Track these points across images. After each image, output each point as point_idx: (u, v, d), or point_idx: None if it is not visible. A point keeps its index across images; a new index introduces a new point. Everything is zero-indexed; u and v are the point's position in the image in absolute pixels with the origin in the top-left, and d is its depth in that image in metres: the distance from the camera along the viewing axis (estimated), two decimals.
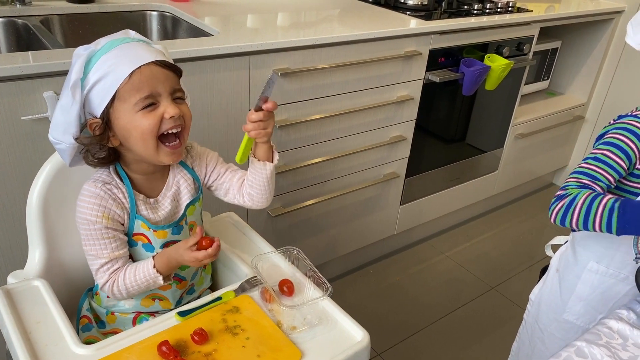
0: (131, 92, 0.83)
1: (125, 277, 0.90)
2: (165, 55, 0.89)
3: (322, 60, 1.58)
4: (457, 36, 1.90)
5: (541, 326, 1.19)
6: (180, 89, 0.89)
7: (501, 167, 2.46)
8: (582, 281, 1.10)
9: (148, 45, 0.88)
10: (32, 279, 0.94)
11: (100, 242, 0.89)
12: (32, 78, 1.14)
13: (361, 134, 1.82)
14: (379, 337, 1.84)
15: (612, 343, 0.86)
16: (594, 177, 0.97)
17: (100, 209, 0.89)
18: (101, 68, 0.82)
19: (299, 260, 0.98)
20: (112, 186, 0.91)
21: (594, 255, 1.08)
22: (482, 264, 2.28)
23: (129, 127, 0.85)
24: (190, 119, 0.91)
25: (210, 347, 0.83)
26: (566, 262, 1.14)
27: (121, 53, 0.83)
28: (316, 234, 1.88)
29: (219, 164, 1.03)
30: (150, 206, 0.94)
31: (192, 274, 0.99)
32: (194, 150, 1.02)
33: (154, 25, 1.75)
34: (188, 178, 0.99)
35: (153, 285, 0.91)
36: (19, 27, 1.52)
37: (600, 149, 1.00)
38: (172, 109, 0.85)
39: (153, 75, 0.84)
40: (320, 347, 0.86)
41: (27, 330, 0.84)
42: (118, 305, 0.97)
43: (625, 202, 0.89)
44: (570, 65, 2.70)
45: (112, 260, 0.90)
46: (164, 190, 0.96)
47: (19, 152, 1.18)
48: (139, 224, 0.92)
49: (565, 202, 0.95)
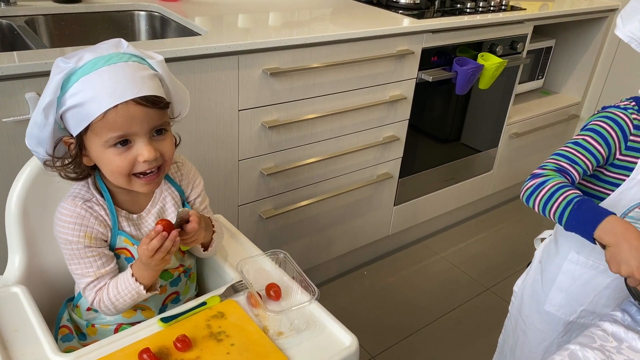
0: (103, 129, 0.77)
1: (109, 291, 0.86)
2: (158, 74, 0.81)
3: (312, 59, 1.56)
4: (450, 35, 1.88)
5: (524, 318, 1.18)
6: (162, 123, 0.81)
7: (496, 167, 2.44)
8: (563, 272, 1.09)
9: (136, 70, 0.77)
10: (11, 285, 0.91)
11: (85, 260, 0.86)
12: (14, 79, 1.12)
13: (353, 134, 1.79)
14: (373, 339, 1.82)
15: (606, 346, 0.84)
16: (572, 161, 0.98)
17: (82, 228, 0.84)
18: (79, 93, 0.75)
19: (287, 264, 0.95)
20: (92, 203, 0.86)
21: (575, 245, 1.07)
22: (477, 264, 2.26)
23: (100, 160, 0.81)
24: (171, 153, 0.84)
25: (193, 354, 0.80)
26: (548, 252, 1.14)
27: (101, 81, 0.75)
28: (309, 235, 1.86)
29: (202, 195, 0.98)
30: (132, 222, 0.90)
31: (171, 280, 0.96)
32: (185, 168, 0.97)
33: (142, 26, 1.73)
34: (175, 195, 0.94)
35: (138, 297, 0.86)
36: (3, 27, 1.49)
37: (581, 135, 1.00)
38: (147, 152, 0.79)
39: (130, 115, 0.76)
40: (308, 352, 0.83)
41: (4, 339, 0.81)
42: (99, 317, 0.94)
43: (583, 200, 0.90)
44: (564, 64, 2.68)
45: (99, 278, 0.87)
46: (149, 207, 0.91)
47: (1, 154, 1.15)
48: (122, 239, 0.89)
49: (536, 182, 0.96)
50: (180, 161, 0.97)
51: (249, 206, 1.64)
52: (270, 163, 1.62)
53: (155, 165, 0.82)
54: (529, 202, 0.97)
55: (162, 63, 0.82)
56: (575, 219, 0.89)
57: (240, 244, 1.07)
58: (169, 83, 0.84)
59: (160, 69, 0.82)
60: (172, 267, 0.94)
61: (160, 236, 0.81)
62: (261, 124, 1.54)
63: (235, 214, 1.63)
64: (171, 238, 0.81)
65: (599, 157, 0.98)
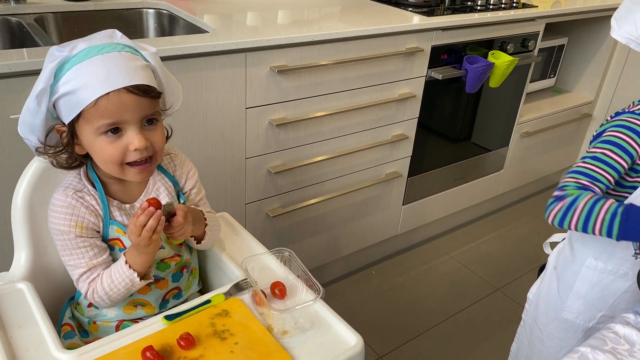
0: (95, 116, 0.78)
1: (103, 281, 0.86)
2: (151, 65, 0.82)
3: (320, 57, 1.55)
4: (460, 32, 1.86)
5: (540, 326, 1.15)
6: (153, 113, 0.82)
7: (506, 167, 2.41)
8: (581, 278, 1.06)
9: (128, 60, 0.78)
10: (17, 281, 0.91)
11: (77, 251, 0.86)
12: (21, 76, 1.12)
13: (362, 132, 1.78)
14: (381, 339, 1.81)
15: (618, 349, 0.82)
16: (593, 178, 0.94)
17: (73, 218, 0.85)
18: (71, 81, 0.76)
19: (292, 262, 0.94)
20: (83, 193, 0.87)
21: (592, 251, 1.04)
22: (487, 265, 2.23)
23: (91, 148, 0.82)
24: (162, 143, 0.85)
25: (197, 353, 0.80)
26: (564, 259, 1.11)
27: (94, 69, 0.76)
28: (316, 234, 1.85)
29: (197, 187, 0.99)
30: (125, 212, 0.90)
31: (171, 273, 0.95)
32: (178, 159, 0.97)
33: (150, 23, 1.73)
34: (169, 186, 0.95)
35: (132, 286, 0.86)
36: (12, 25, 1.50)
37: (599, 148, 0.96)
38: (138, 141, 0.80)
39: (122, 103, 0.77)
40: (312, 352, 0.82)
41: (9, 335, 0.81)
42: (100, 314, 0.94)
43: (628, 208, 0.87)
44: (577, 62, 2.64)
45: (91, 269, 0.87)
46: (142, 197, 0.92)
47: (8, 151, 1.16)
48: (114, 229, 0.89)
49: (565, 203, 0.92)
50: (174, 152, 0.97)
51: (256, 204, 1.64)
52: (277, 161, 1.61)
53: (146, 154, 0.83)
54: (563, 224, 0.93)
55: (155, 55, 0.83)
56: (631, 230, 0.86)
57: (246, 242, 1.06)
58: (162, 75, 0.85)
59: (153, 60, 0.83)
60: (167, 257, 0.93)
61: (148, 212, 0.80)
62: (268, 122, 1.53)
63: (243, 212, 1.62)
64: (155, 217, 0.80)
65: (620, 170, 0.95)
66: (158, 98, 0.84)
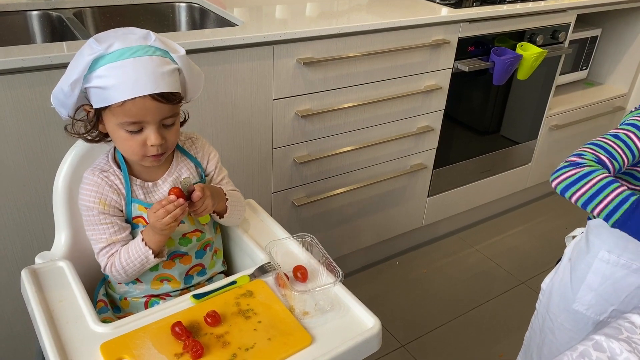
0: (120, 113, 0.86)
1: (121, 256, 0.94)
2: (182, 68, 0.88)
3: (346, 49, 1.57)
4: (488, 24, 1.85)
5: (551, 316, 1.16)
6: (172, 115, 0.89)
7: (534, 160, 2.39)
8: (593, 271, 1.06)
9: (158, 65, 0.84)
10: (57, 260, 0.98)
11: (99, 227, 0.94)
12: (62, 68, 1.17)
13: (387, 124, 1.80)
14: (404, 328, 1.83)
15: (633, 338, 0.83)
16: (611, 155, 0.93)
17: (97, 195, 0.93)
18: (103, 77, 0.83)
19: (313, 247, 0.98)
20: (109, 173, 0.95)
21: (606, 244, 1.04)
22: (512, 258, 2.23)
23: (113, 135, 0.91)
24: (175, 140, 0.93)
25: (222, 329, 0.85)
26: (579, 251, 1.10)
27: (125, 71, 0.82)
28: (341, 224, 1.88)
29: (218, 167, 1.05)
30: (147, 190, 0.97)
31: (194, 250, 1.01)
32: (199, 142, 1.04)
33: (182, 17, 1.78)
34: (191, 166, 1.01)
35: (146, 262, 0.93)
36: (53, 19, 1.58)
37: (623, 129, 0.97)
38: (155, 138, 0.88)
39: (145, 108, 0.85)
40: (331, 332, 0.86)
41: (50, 308, 0.87)
42: (130, 290, 1.01)
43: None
44: (611, 54, 2.59)
45: (111, 245, 0.94)
46: (165, 175, 0.99)
47: (50, 139, 1.23)
48: (136, 207, 0.95)
49: (579, 172, 0.90)
50: (195, 137, 1.05)
51: (282, 193, 1.68)
52: (303, 152, 1.65)
53: (161, 152, 0.91)
54: (566, 193, 0.91)
55: (183, 57, 0.89)
56: (632, 220, 0.85)
57: (270, 227, 1.10)
58: (187, 75, 0.91)
59: (181, 62, 0.89)
60: (188, 232, 0.99)
61: (177, 202, 0.88)
62: (295, 113, 1.57)
63: (269, 201, 1.67)
64: (179, 205, 0.88)
65: (636, 154, 0.94)
66: (179, 103, 0.91)
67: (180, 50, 0.89)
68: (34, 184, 1.26)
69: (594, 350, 0.81)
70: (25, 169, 1.23)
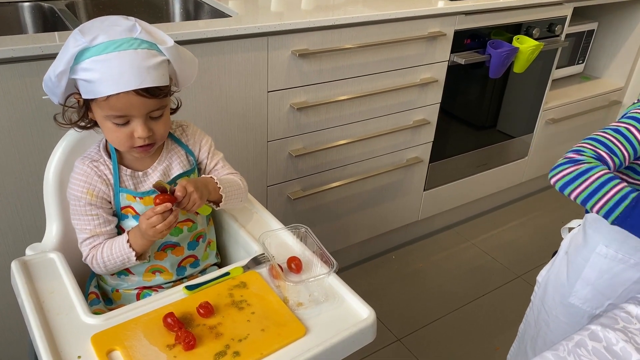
0: (105, 107, 0.85)
1: (103, 251, 0.93)
2: (171, 59, 0.85)
3: (342, 41, 1.56)
4: (484, 17, 1.84)
5: (547, 309, 1.15)
6: (159, 107, 0.88)
7: (531, 154, 2.39)
8: (590, 265, 1.05)
9: (143, 59, 0.82)
10: (48, 251, 0.96)
11: (84, 217, 0.93)
12: (53, 58, 1.16)
13: (383, 117, 1.79)
14: (400, 322, 1.83)
15: (629, 328, 0.82)
16: (611, 151, 0.92)
17: (85, 185, 0.92)
18: (88, 71, 0.82)
19: (307, 238, 0.97)
20: (99, 163, 0.94)
21: (604, 238, 1.03)
22: (508, 252, 2.23)
23: (101, 125, 0.90)
24: (163, 132, 0.91)
25: (215, 321, 0.84)
26: (576, 244, 1.09)
27: (109, 66, 0.80)
28: (337, 218, 1.87)
29: (211, 152, 1.04)
30: (137, 180, 0.96)
31: (186, 241, 1.00)
32: (190, 129, 1.03)
33: (176, 8, 1.77)
34: (182, 154, 1.00)
35: (128, 262, 0.93)
36: (45, 10, 1.56)
37: (623, 123, 0.94)
38: (141, 131, 0.87)
39: (130, 102, 0.84)
40: (326, 323, 0.85)
41: (41, 300, 0.86)
42: (122, 282, 1.00)
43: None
44: (607, 48, 2.58)
45: (94, 236, 0.94)
46: (155, 164, 0.97)
47: (41, 130, 1.21)
48: (124, 196, 0.95)
49: (578, 169, 0.89)
50: (186, 124, 1.03)
51: (278, 187, 1.67)
52: (298, 145, 1.64)
53: (148, 143, 0.90)
54: (565, 190, 0.90)
55: (171, 49, 0.85)
56: (633, 218, 0.84)
57: (264, 219, 1.09)
58: (177, 64, 0.89)
59: (169, 53, 0.85)
60: (179, 220, 0.96)
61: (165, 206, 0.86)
62: (290, 106, 1.56)
63: (264, 195, 1.66)
64: (175, 214, 0.88)
65: (637, 148, 0.92)
66: (166, 97, 0.89)
67: (168, 41, 0.86)
68: (25, 175, 1.24)
69: (590, 340, 0.80)
70: (16, 160, 1.22)
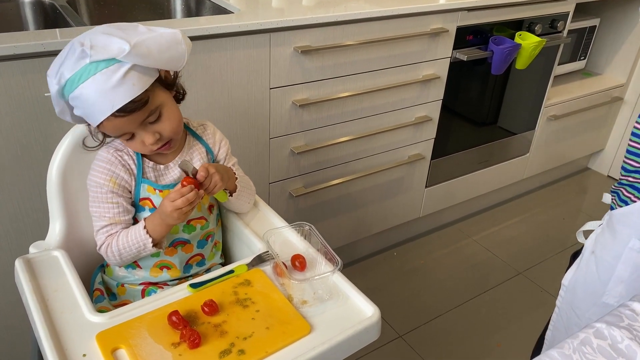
0: (104, 130, 0.89)
1: (119, 239, 0.93)
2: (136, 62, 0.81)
3: (344, 37, 1.56)
4: (486, 13, 1.84)
5: (578, 312, 1.12)
6: (150, 113, 0.86)
7: (532, 150, 2.38)
8: (623, 261, 1.02)
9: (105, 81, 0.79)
10: (52, 249, 0.96)
11: (105, 205, 0.94)
12: (54, 55, 1.15)
13: (385, 113, 1.79)
14: (402, 319, 1.83)
15: (634, 325, 0.82)
16: None
17: (109, 173, 0.93)
18: (75, 106, 0.85)
19: (311, 236, 0.97)
20: (123, 153, 0.95)
21: (636, 232, 1.00)
22: (510, 248, 2.23)
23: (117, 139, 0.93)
24: (173, 128, 0.90)
25: (219, 319, 0.84)
26: (603, 242, 1.06)
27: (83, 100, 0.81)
28: (339, 215, 1.87)
29: (228, 155, 1.06)
30: (158, 172, 0.97)
31: (197, 239, 1.00)
32: (210, 129, 1.05)
33: (177, 5, 1.76)
34: (202, 151, 1.02)
35: (143, 249, 0.93)
36: (46, 7, 1.55)
37: None
38: (149, 138, 0.88)
39: (116, 125, 0.85)
40: (330, 321, 0.85)
41: (45, 298, 0.86)
42: (128, 277, 1.00)
43: None
44: (609, 44, 2.57)
45: (112, 224, 0.94)
46: (177, 158, 0.99)
47: (43, 128, 1.21)
48: (145, 188, 0.95)
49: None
50: (206, 124, 1.05)
51: (280, 184, 1.67)
52: (300, 141, 1.64)
53: (162, 144, 0.91)
54: None
55: (129, 55, 0.79)
56: None
57: (267, 217, 1.09)
58: (148, 61, 0.82)
59: (130, 59, 0.80)
60: (194, 217, 0.98)
61: (190, 187, 0.88)
62: (292, 103, 1.55)
63: (267, 192, 1.65)
64: (198, 194, 0.89)
65: None
66: (147, 104, 0.85)
67: (123, 49, 0.78)
68: (28, 173, 1.24)
69: (595, 337, 0.80)
70: (19, 157, 1.21)
